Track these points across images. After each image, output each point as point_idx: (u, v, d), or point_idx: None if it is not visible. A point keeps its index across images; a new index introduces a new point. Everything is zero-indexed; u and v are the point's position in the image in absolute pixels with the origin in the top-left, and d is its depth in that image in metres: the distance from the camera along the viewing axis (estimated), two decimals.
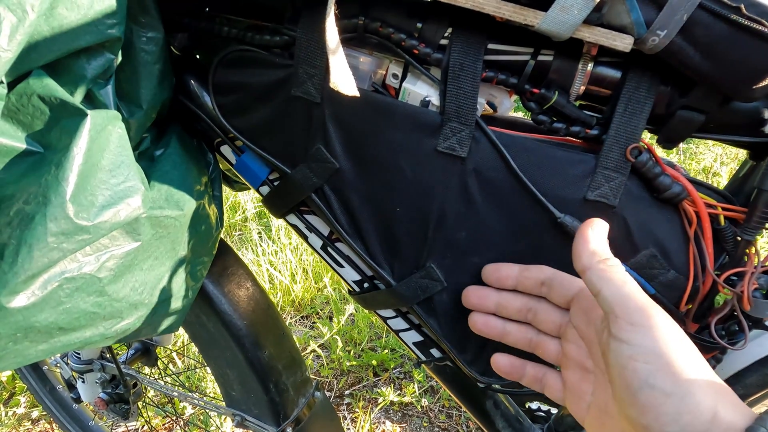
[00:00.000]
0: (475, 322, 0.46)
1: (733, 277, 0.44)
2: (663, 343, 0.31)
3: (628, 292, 0.34)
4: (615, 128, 0.42)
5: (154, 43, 0.44)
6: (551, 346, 0.42)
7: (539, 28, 0.38)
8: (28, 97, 0.36)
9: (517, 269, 0.44)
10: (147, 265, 0.45)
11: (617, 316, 0.33)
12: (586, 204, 0.43)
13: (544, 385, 0.43)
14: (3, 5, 0.30)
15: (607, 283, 0.35)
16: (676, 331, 0.33)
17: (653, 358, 0.31)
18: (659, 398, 0.30)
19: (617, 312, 0.33)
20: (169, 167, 0.48)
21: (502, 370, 0.45)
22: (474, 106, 0.43)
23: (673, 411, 0.30)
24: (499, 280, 0.44)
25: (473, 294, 0.46)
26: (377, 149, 0.46)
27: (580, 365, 0.40)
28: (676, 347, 0.31)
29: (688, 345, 0.33)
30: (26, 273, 0.35)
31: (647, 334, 0.32)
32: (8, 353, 0.38)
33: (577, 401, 0.40)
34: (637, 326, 0.32)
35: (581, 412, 0.39)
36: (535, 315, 0.43)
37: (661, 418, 0.30)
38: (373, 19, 0.44)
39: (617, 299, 0.34)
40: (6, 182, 0.35)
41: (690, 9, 0.34)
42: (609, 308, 0.34)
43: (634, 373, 0.32)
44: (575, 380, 0.40)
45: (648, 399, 0.31)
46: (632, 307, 0.33)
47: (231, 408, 0.74)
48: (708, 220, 0.43)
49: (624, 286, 0.34)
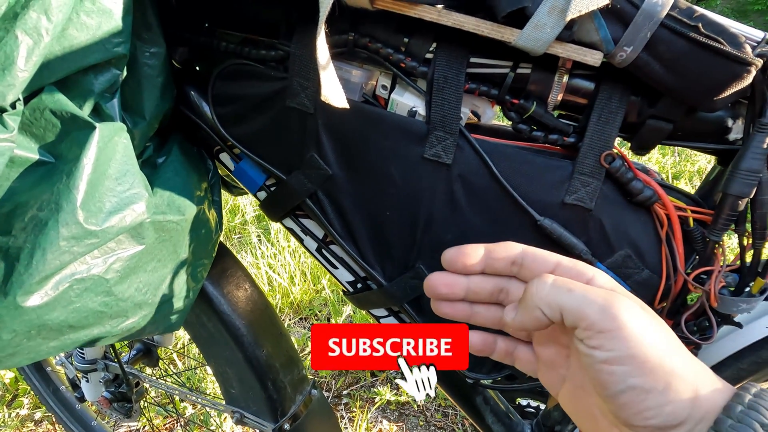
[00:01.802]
0: (440, 306, 0.40)
1: (703, 276, 0.47)
2: (634, 342, 0.31)
3: (583, 297, 0.32)
4: (590, 136, 0.45)
5: (156, 57, 0.47)
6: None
7: (515, 44, 0.40)
8: (41, 112, 0.38)
9: (483, 252, 0.39)
10: (151, 267, 0.47)
11: (584, 328, 0.32)
12: (564, 207, 0.46)
13: (515, 358, 0.41)
14: (21, 30, 0.32)
15: (564, 295, 0.33)
16: (646, 320, 0.32)
17: (628, 360, 0.30)
18: (640, 395, 0.30)
19: (582, 324, 0.32)
20: (171, 174, 0.50)
21: (475, 347, 0.41)
22: (458, 115, 0.46)
23: (655, 405, 0.30)
24: (466, 267, 0.39)
25: (440, 283, 0.39)
26: (368, 156, 0.49)
27: (554, 340, 0.38)
28: (648, 342, 0.31)
29: (660, 332, 0.32)
30: (40, 274, 0.37)
31: (616, 336, 0.31)
32: (22, 349, 0.40)
33: (551, 374, 0.38)
34: (606, 331, 0.31)
35: (555, 385, 0.38)
36: (507, 295, 0.39)
37: (642, 413, 0.30)
38: (363, 35, 0.47)
39: (576, 310, 0.32)
40: (21, 190, 0.38)
41: (653, 27, 0.37)
42: (574, 322, 0.33)
43: (611, 376, 0.31)
44: (549, 354, 0.38)
45: (628, 398, 0.31)
46: (594, 313, 0.32)
47: (230, 405, 0.76)
48: (678, 222, 0.45)
49: (574, 291, 0.33)
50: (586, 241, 0.47)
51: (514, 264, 0.38)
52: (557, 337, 0.38)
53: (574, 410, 0.37)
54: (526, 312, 0.35)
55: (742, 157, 0.41)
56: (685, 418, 0.30)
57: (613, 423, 0.33)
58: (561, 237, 0.46)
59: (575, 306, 0.32)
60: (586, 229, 0.46)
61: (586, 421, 0.36)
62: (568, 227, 0.46)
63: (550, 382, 0.39)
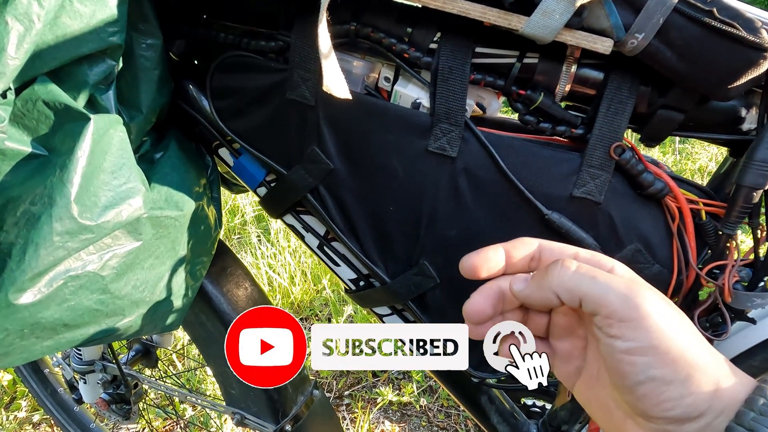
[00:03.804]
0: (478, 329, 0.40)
1: (715, 270, 0.46)
2: (657, 332, 0.30)
3: (606, 285, 0.32)
4: (599, 127, 0.44)
5: (153, 49, 0.46)
6: (539, 318, 0.40)
7: (523, 32, 0.39)
8: (34, 103, 0.37)
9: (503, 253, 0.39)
10: (148, 264, 0.46)
11: (605, 315, 0.32)
12: (572, 201, 0.45)
13: None
14: (11, 15, 0.31)
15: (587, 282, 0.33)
16: (668, 311, 0.32)
17: (650, 351, 0.30)
18: (660, 387, 0.30)
19: (603, 312, 0.32)
20: (169, 169, 0.49)
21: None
22: (463, 107, 0.45)
23: (675, 396, 0.30)
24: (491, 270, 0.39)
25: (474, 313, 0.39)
26: (370, 150, 0.48)
27: (571, 332, 0.38)
28: (670, 333, 0.31)
29: (682, 323, 0.32)
30: (33, 271, 0.36)
31: (639, 326, 0.31)
32: (15, 349, 0.39)
33: (566, 368, 0.38)
34: (628, 320, 0.31)
35: (571, 379, 0.38)
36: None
37: (662, 405, 0.30)
38: (365, 25, 0.45)
39: (599, 297, 0.32)
40: (13, 184, 0.37)
41: (665, 13, 0.36)
42: (594, 309, 0.32)
43: (632, 366, 0.31)
44: (565, 347, 0.38)
45: (648, 389, 0.30)
46: (617, 302, 0.32)
47: (231, 407, 0.75)
48: (690, 215, 0.44)
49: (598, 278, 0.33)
50: (594, 235, 0.45)
51: (533, 260, 0.38)
52: (574, 329, 0.38)
53: (587, 402, 0.37)
54: (539, 290, 0.35)
55: (757, 147, 0.40)
56: (705, 410, 0.29)
57: (628, 414, 0.33)
58: (569, 231, 0.45)
59: (598, 293, 0.32)
60: (595, 223, 0.45)
61: (600, 412, 0.36)
62: (577, 221, 0.45)
63: (566, 376, 0.38)
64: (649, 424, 0.31)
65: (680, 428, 0.30)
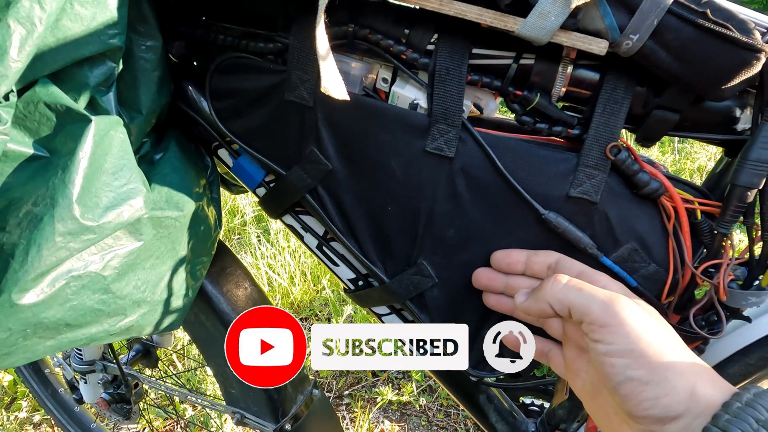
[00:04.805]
0: (488, 298, 0.48)
1: (711, 269, 0.46)
2: (634, 337, 0.34)
3: (590, 295, 0.37)
4: (595, 127, 0.44)
5: (152, 51, 0.46)
6: (555, 324, 0.44)
7: (519, 34, 0.40)
8: (35, 105, 0.38)
9: (526, 255, 0.46)
10: (149, 264, 0.46)
11: (588, 322, 0.36)
12: (569, 201, 0.45)
13: (549, 359, 0.45)
14: (13, 19, 0.32)
15: (574, 293, 0.37)
16: (646, 319, 0.35)
17: (627, 353, 0.34)
18: (638, 387, 0.33)
19: (587, 319, 0.36)
20: (169, 170, 0.50)
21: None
22: (460, 108, 0.45)
23: (652, 396, 0.32)
24: (510, 265, 0.46)
25: (483, 276, 0.48)
26: (368, 150, 0.48)
27: (577, 344, 0.41)
28: (647, 338, 0.34)
29: (660, 330, 0.35)
30: (36, 271, 0.37)
31: (617, 331, 0.34)
32: (18, 348, 0.39)
33: (575, 377, 0.42)
34: (607, 326, 0.35)
35: (578, 388, 0.41)
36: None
37: (642, 404, 0.33)
38: (362, 26, 0.46)
39: (583, 306, 0.36)
40: (15, 185, 0.37)
41: (660, 14, 0.37)
42: (580, 317, 0.37)
43: (612, 368, 0.34)
44: (572, 357, 0.42)
45: (628, 389, 0.33)
46: (598, 309, 0.36)
47: (231, 406, 0.76)
48: (685, 214, 0.45)
49: (584, 290, 0.37)
50: (591, 234, 0.46)
51: (550, 268, 0.44)
52: (578, 340, 0.41)
53: (591, 410, 0.40)
54: (536, 302, 0.40)
55: (751, 147, 0.41)
56: (683, 411, 0.32)
57: (623, 419, 0.35)
58: (566, 231, 0.45)
59: (583, 303, 0.37)
60: (592, 223, 0.46)
61: (602, 420, 0.39)
62: (573, 221, 0.45)
63: (574, 384, 0.42)
64: (637, 426, 0.34)
65: (662, 429, 0.32)
